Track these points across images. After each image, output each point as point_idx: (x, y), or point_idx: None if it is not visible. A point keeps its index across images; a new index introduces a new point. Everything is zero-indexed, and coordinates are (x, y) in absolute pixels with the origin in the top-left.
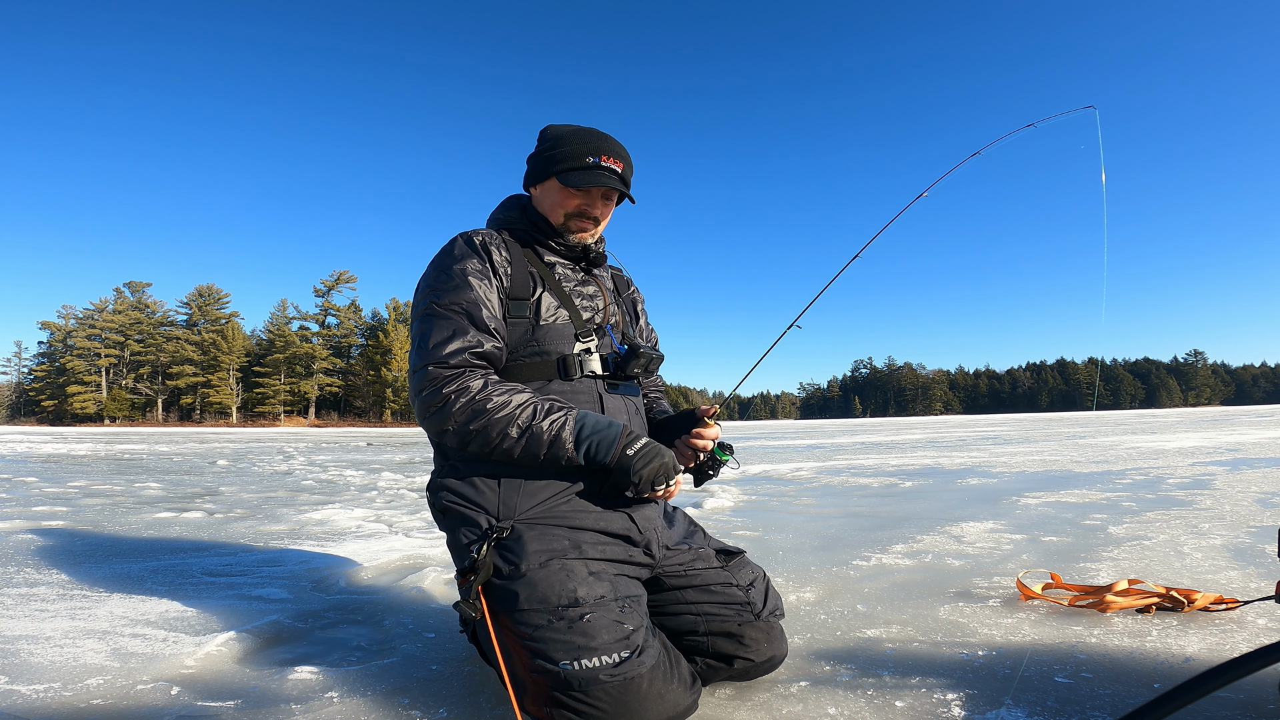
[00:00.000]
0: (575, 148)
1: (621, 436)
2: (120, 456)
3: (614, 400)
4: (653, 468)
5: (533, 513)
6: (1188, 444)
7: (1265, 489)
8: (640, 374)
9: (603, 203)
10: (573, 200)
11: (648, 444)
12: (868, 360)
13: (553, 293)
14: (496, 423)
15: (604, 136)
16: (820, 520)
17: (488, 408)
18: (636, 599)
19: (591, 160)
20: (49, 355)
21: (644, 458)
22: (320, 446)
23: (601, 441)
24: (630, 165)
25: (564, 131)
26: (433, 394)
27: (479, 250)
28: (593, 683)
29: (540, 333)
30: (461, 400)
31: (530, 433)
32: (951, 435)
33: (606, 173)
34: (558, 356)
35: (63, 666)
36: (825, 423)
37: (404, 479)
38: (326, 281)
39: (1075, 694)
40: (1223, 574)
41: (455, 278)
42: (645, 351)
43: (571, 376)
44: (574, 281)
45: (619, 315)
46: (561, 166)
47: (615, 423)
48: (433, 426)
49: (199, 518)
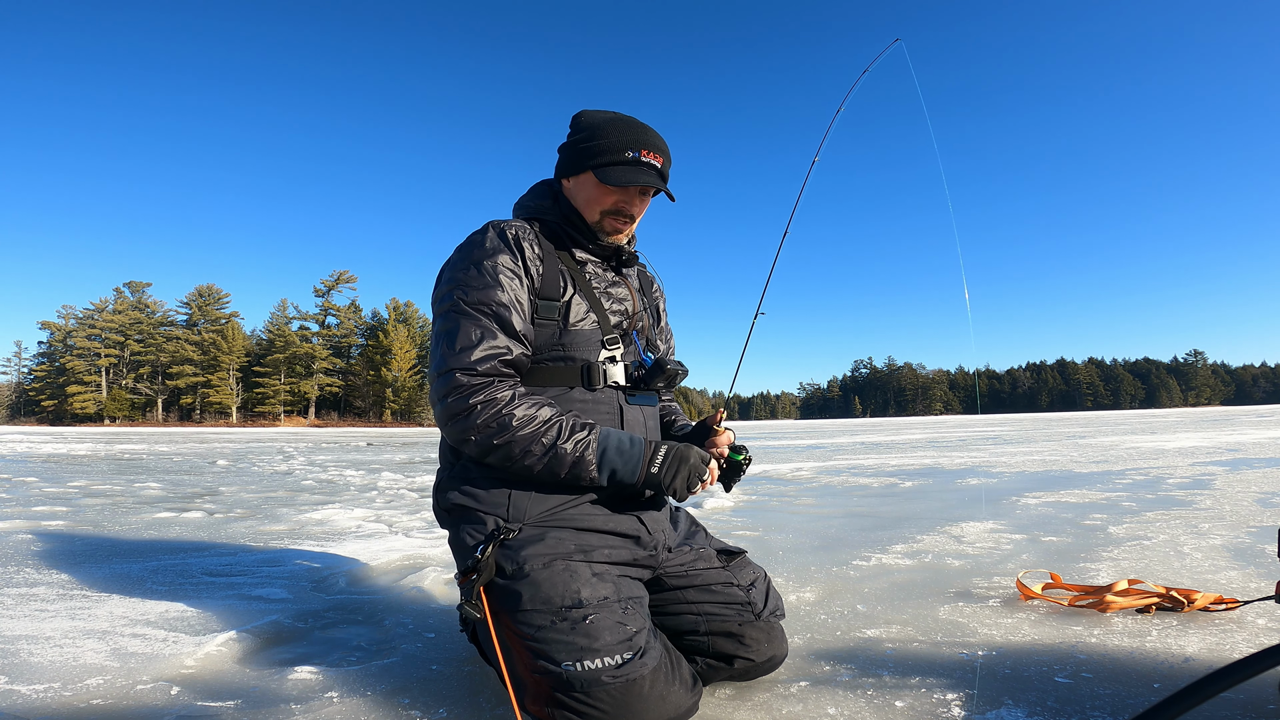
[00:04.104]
0: (614, 140)
1: (644, 458)
2: (120, 456)
3: (633, 411)
4: (681, 476)
5: (542, 517)
6: (1188, 444)
7: (1265, 489)
8: (662, 389)
9: (640, 200)
10: (610, 197)
11: (669, 452)
12: (868, 360)
13: (583, 294)
14: (520, 440)
15: (644, 128)
16: (820, 520)
17: (513, 424)
18: (639, 600)
19: (631, 155)
20: (49, 355)
21: (670, 469)
22: (320, 446)
23: (625, 464)
24: (669, 159)
25: (601, 120)
26: (458, 402)
27: (511, 245)
28: (595, 684)
29: (568, 337)
30: (488, 413)
31: (554, 453)
32: (951, 435)
33: (647, 169)
34: (583, 363)
35: (63, 666)
36: (825, 423)
37: (404, 479)
38: (326, 281)
39: (1075, 694)
40: (1223, 574)
41: (486, 274)
42: (671, 369)
43: (594, 386)
44: (605, 282)
45: (646, 319)
46: (599, 160)
47: (638, 440)
48: (454, 434)
49: (199, 518)
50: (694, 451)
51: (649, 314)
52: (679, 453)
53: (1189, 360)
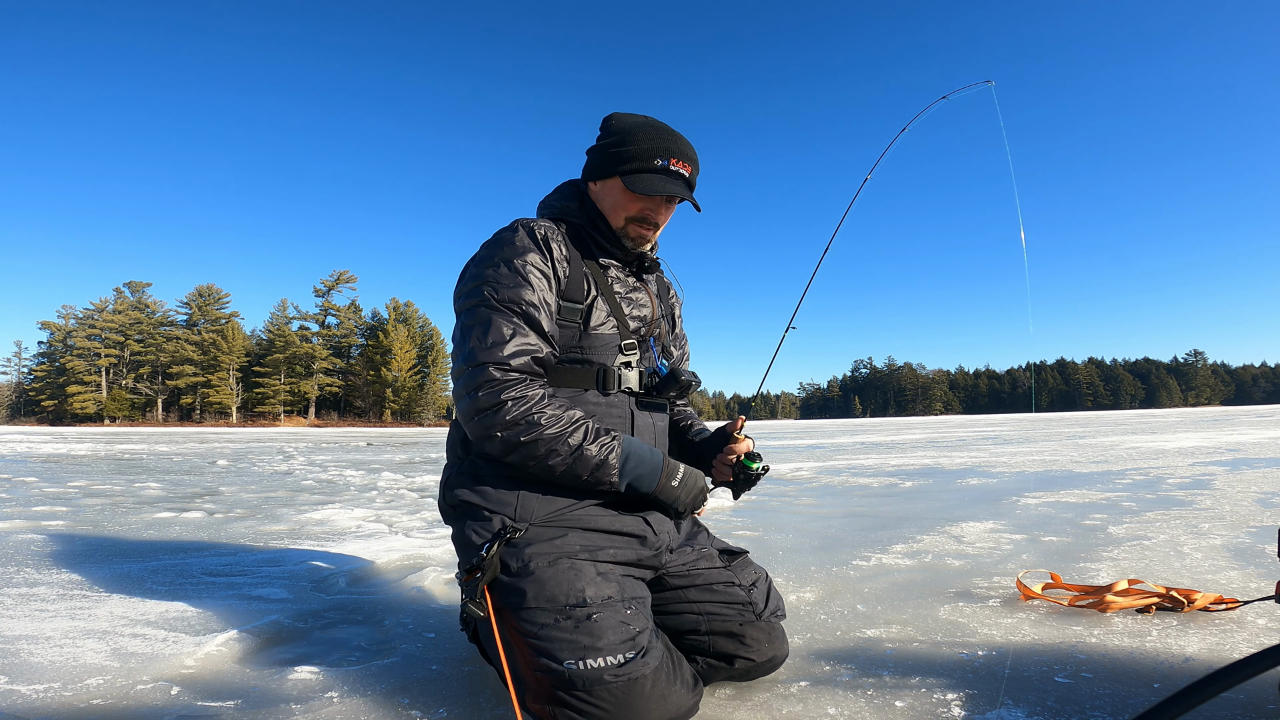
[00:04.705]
0: (644, 146)
1: (663, 470)
2: (120, 456)
3: (643, 418)
4: (693, 496)
5: (549, 518)
6: (1188, 444)
7: (1265, 489)
8: (675, 399)
9: (666, 208)
10: (636, 204)
11: (685, 475)
12: (868, 360)
13: (605, 298)
14: (547, 439)
15: (673, 134)
16: (820, 520)
17: (541, 422)
18: (642, 600)
19: (660, 163)
20: (49, 355)
21: (686, 489)
22: (320, 446)
23: (645, 474)
24: (698, 167)
25: (631, 125)
26: (490, 396)
27: (541, 245)
28: (597, 683)
29: (588, 340)
30: (519, 410)
31: (579, 455)
32: (951, 435)
33: (674, 178)
34: (599, 367)
35: (63, 666)
36: (825, 423)
37: (404, 479)
38: (326, 281)
39: (1075, 694)
40: (1223, 574)
41: (518, 272)
42: (685, 379)
43: (609, 390)
44: (626, 288)
45: (663, 326)
46: (628, 167)
47: (656, 452)
48: (479, 428)
49: (199, 518)
50: (703, 479)
51: (666, 320)
52: (693, 475)
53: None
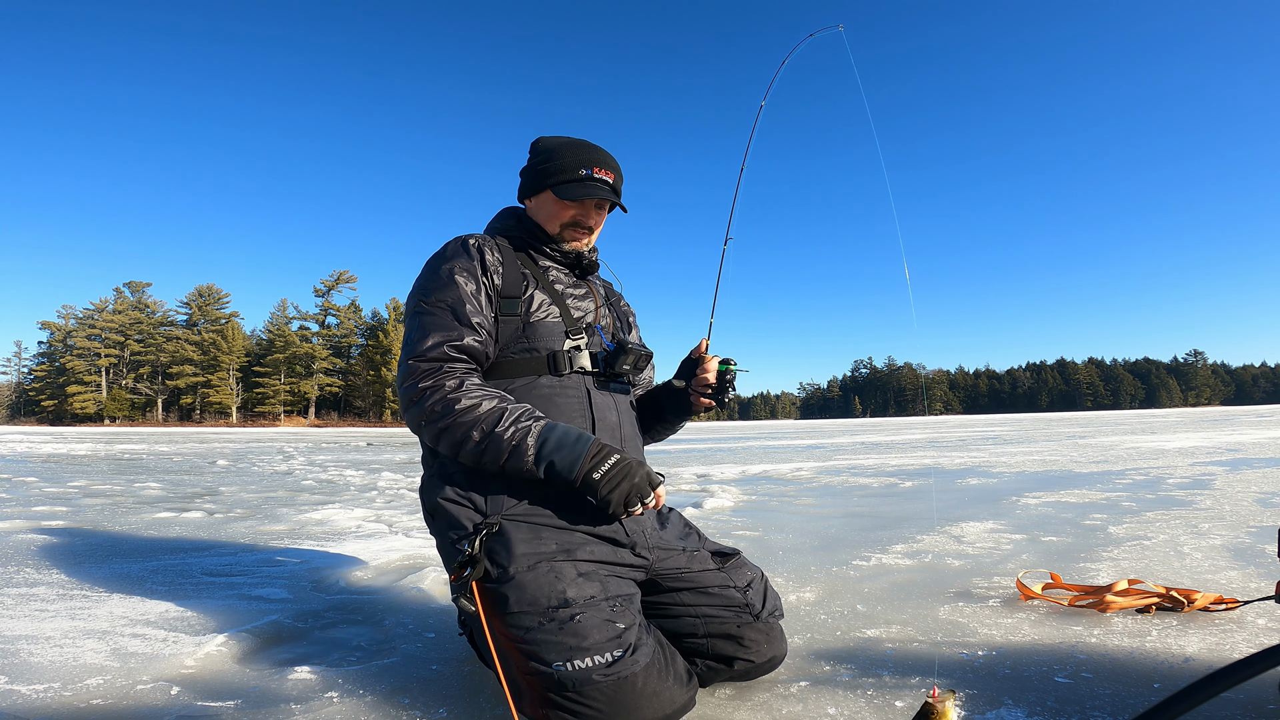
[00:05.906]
0: (568, 160)
1: (587, 456)
2: (120, 456)
3: (602, 397)
4: (621, 490)
5: (519, 510)
6: (1188, 444)
7: (1265, 489)
8: (630, 371)
9: (596, 212)
10: (568, 211)
11: (616, 464)
12: (868, 360)
13: (544, 290)
14: (462, 425)
15: (594, 148)
16: (820, 520)
17: (456, 408)
18: (629, 598)
19: (584, 172)
20: (49, 355)
21: (610, 481)
22: (320, 446)
23: (565, 458)
24: (620, 175)
25: (556, 144)
26: (410, 388)
27: (470, 251)
28: (586, 683)
29: (531, 329)
30: (434, 397)
31: (491, 438)
32: (951, 435)
33: (599, 184)
34: (548, 353)
35: (63, 666)
36: (825, 423)
37: (404, 479)
38: (326, 281)
39: (1075, 694)
40: (1223, 574)
41: (443, 276)
42: (634, 348)
43: (561, 372)
44: (566, 284)
45: (610, 319)
46: (556, 179)
47: (586, 437)
48: (410, 421)
49: (199, 518)
50: (643, 471)
51: (616, 319)
52: (626, 467)
53: (1189, 360)
